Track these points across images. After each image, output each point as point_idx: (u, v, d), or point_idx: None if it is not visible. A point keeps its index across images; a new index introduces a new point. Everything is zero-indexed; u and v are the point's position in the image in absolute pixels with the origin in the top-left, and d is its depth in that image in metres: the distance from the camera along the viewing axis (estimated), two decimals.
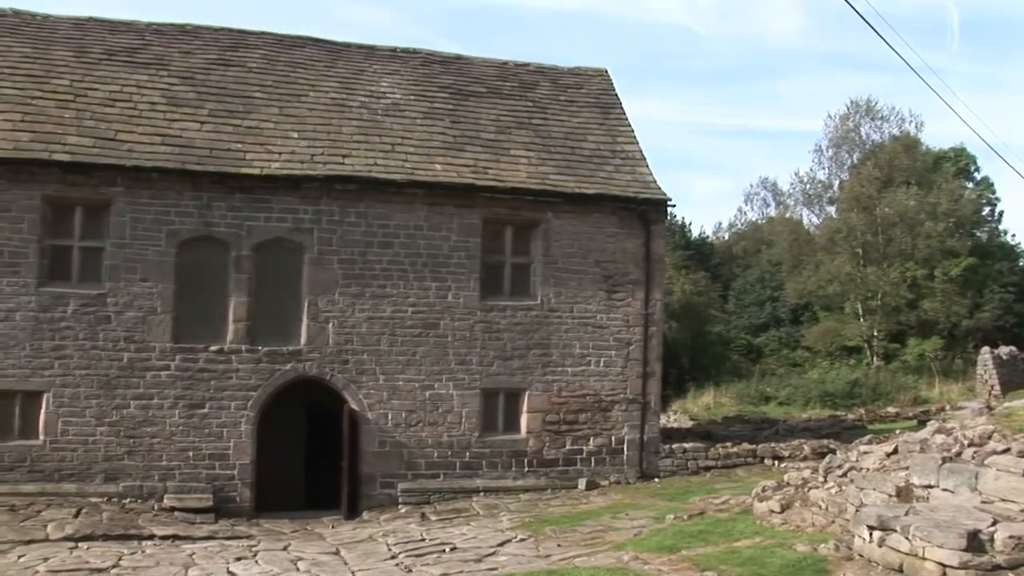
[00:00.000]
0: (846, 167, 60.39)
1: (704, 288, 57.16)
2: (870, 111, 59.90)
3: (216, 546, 17.85)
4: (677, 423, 34.85)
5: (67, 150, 21.42)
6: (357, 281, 22.51)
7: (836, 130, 60.97)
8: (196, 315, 21.74)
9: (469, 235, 23.17)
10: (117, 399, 21.29)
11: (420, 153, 23.72)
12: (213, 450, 21.64)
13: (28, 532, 18.03)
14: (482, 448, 23.09)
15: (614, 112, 27.16)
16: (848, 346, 54.49)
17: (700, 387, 46.90)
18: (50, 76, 23.10)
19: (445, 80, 26.42)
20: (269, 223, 22.13)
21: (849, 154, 60.59)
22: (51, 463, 20.88)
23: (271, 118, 23.55)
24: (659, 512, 18.81)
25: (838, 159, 61.31)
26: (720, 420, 35.54)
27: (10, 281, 20.89)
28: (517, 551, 16.35)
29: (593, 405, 23.85)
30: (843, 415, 35.29)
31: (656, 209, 24.56)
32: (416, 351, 22.79)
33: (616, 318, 24.05)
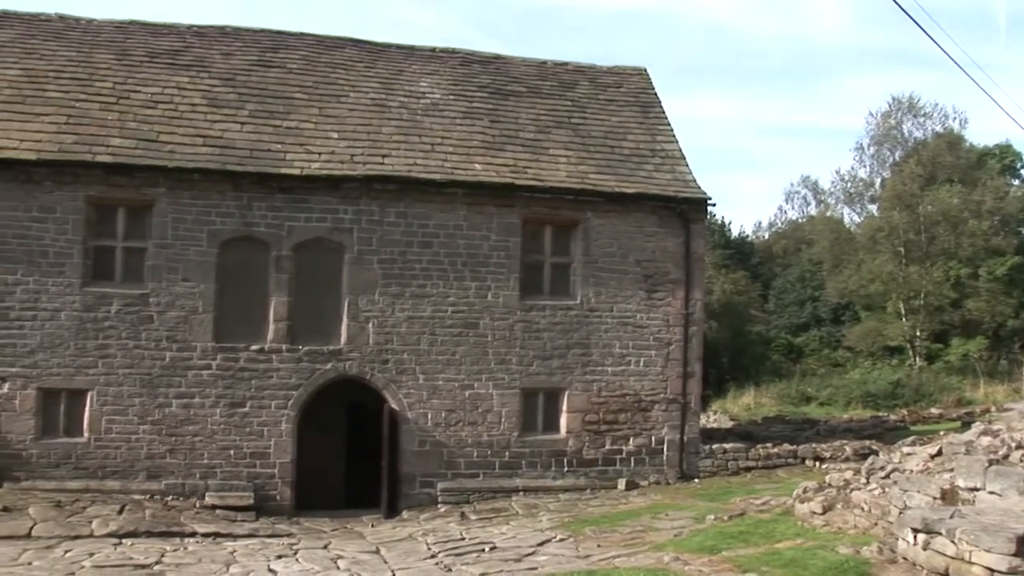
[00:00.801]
0: (888, 165, 59.81)
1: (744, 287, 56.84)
2: (912, 108, 59.28)
3: (257, 544, 17.98)
4: (717, 423, 34.67)
5: (110, 152, 21.66)
6: (397, 281, 22.57)
7: (878, 128, 60.39)
8: (237, 315, 21.90)
9: (509, 235, 23.15)
10: (159, 398, 21.49)
11: (459, 153, 23.74)
12: (254, 449, 21.79)
13: (74, 528, 18.25)
14: (521, 448, 23.07)
15: (653, 111, 27.05)
16: (890, 346, 53.93)
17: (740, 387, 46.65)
18: (93, 79, 23.38)
19: (484, 80, 26.43)
20: (309, 223, 22.24)
21: (891, 152, 59.99)
22: (95, 460, 21.12)
23: (311, 119, 23.66)
24: (699, 513, 18.70)
25: (880, 157, 60.75)
26: (760, 420, 35.31)
27: (55, 281, 21.16)
28: (557, 551, 16.31)
29: (633, 405, 23.75)
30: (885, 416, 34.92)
31: (696, 208, 24.42)
32: (456, 351, 22.81)
33: (656, 318, 23.94)
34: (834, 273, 56.62)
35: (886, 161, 60.22)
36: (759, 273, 64.05)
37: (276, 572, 15.22)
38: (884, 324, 53.74)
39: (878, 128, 60.37)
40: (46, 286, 21.15)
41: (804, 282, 61.78)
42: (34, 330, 21.08)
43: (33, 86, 22.83)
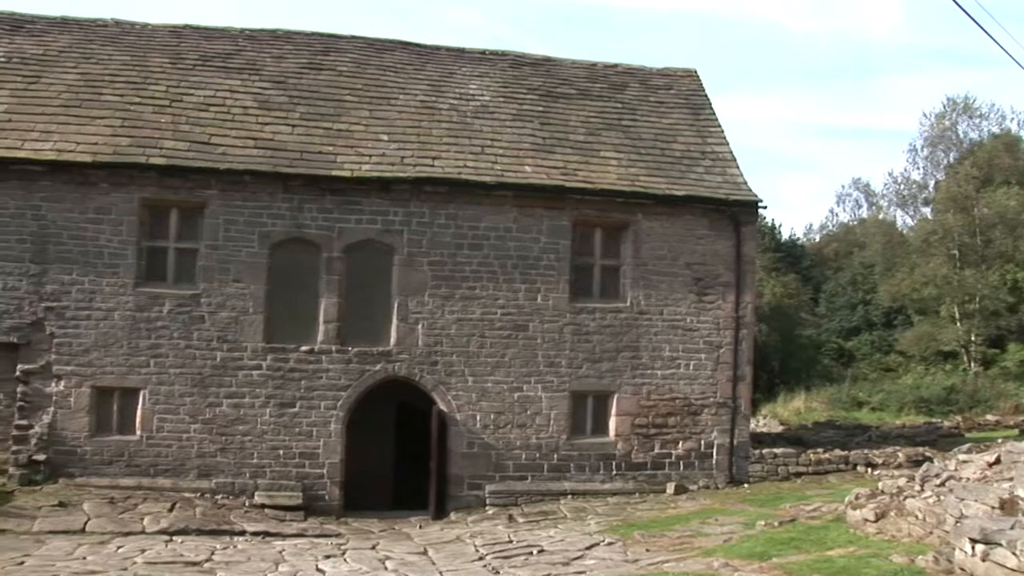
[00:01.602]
0: (942, 167, 59.00)
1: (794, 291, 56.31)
2: (967, 109, 58.46)
3: (305, 543, 18.07)
4: (767, 428, 34.39)
5: (163, 154, 21.90)
6: (447, 283, 22.60)
7: (932, 129, 59.64)
8: (287, 315, 22.04)
9: (559, 237, 23.09)
10: (210, 397, 21.67)
11: (510, 155, 23.73)
12: (303, 449, 21.91)
13: (126, 524, 18.51)
14: (570, 451, 22.99)
15: (704, 113, 26.88)
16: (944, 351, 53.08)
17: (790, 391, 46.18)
18: (148, 83, 23.68)
19: (534, 82, 26.40)
20: (360, 225, 22.33)
21: (945, 153, 59.19)
22: (147, 458, 21.36)
23: (361, 121, 23.77)
24: (749, 518, 18.54)
25: (934, 159, 59.97)
26: (811, 425, 34.97)
27: (109, 281, 21.43)
28: (605, 555, 16.27)
29: (682, 409, 23.60)
30: (939, 422, 34.43)
31: (747, 211, 24.22)
32: (505, 353, 22.79)
33: (706, 321, 23.78)
34: (886, 276, 55.93)
35: (940, 163, 59.47)
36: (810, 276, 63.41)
37: (324, 572, 15.30)
38: (938, 328, 52.90)
39: (932, 129, 59.65)
40: (101, 286, 21.43)
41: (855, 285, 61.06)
42: (89, 329, 21.36)
43: (90, 90, 23.17)
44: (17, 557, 15.16)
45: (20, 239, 21.28)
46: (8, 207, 21.26)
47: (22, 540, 16.78)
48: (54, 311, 21.30)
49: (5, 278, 21.17)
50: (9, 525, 17.63)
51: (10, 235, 21.23)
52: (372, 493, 22.99)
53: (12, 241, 21.24)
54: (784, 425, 35.53)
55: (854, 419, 37.24)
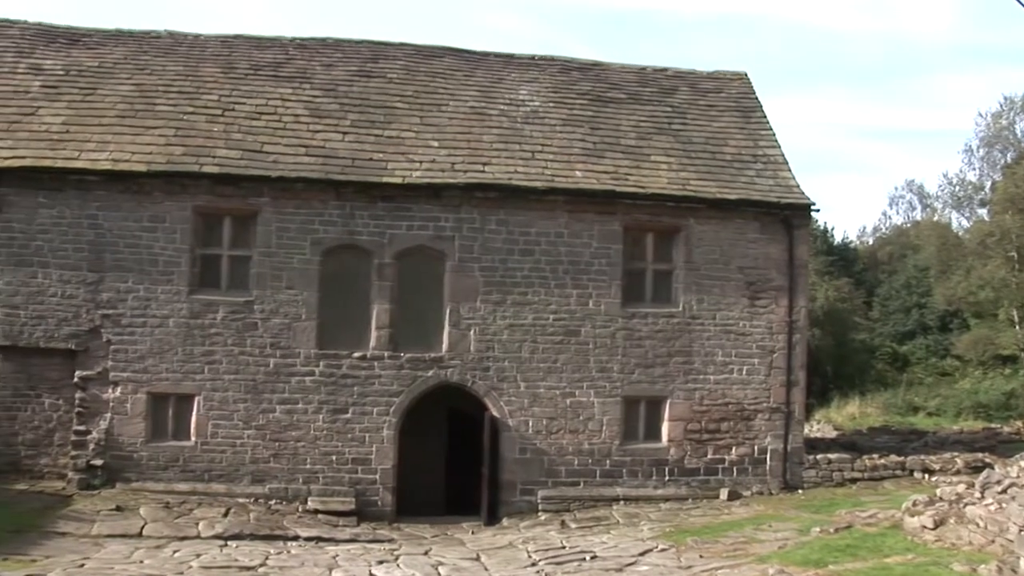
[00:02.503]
0: (999, 167, 58.02)
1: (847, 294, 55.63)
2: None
3: (358, 549, 18.14)
4: (820, 433, 34.00)
5: (216, 163, 22.14)
6: (498, 288, 22.61)
7: (988, 128, 58.67)
8: (340, 322, 22.15)
9: (610, 242, 23.02)
10: (264, 403, 21.84)
11: (560, 160, 23.70)
12: (356, 454, 22.00)
13: (181, 529, 18.69)
14: (623, 456, 22.89)
15: (755, 116, 26.69)
16: (1002, 355, 52.14)
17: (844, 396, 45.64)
18: (200, 92, 23.98)
19: (584, 87, 26.36)
20: (411, 231, 22.41)
21: (1002, 153, 58.21)
22: (202, 464, 21.57)
23: (412, 127, 23.87)
24: (804, 524, 18.35)
25: (990, 159, 59.01)
26: (865, 431, 34.48)
27: (164, 289, 21.69)
28: (658, 561, 16.19)
29: (735, 414, 23.41)
30: (998, 428, 33.78)
31: (799, 214, 23.98)
32: (557, 358, 22.74)
33: (759, 325, 23.58)
34: (941, 279, 55.07)
35: (997, 163, 58.48)
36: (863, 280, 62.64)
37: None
38: (995, 332, 51.96)
39: (988, 129, 58.69)
40: (156, 293, 21.70)
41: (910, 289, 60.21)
42: (144, 336, 21.64)
43: (144, 100, 23.51)
44: (77, 560, 15.42)
45: (77, 248, 21.63)
46: (66, 216, 21.61)
47: (81, 543, 17.04)
48: (110, 318, 21.60)
49: (63, 286, 21.53)
50: (69, 528, 17.90)
51: (68, 244, 21.60)
52: (424, 499, 23.05)
53: (70, 250, 21.60)
54: (838, 430, 35.10)
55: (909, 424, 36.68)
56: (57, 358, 21.60)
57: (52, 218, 21.61)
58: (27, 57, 24.50)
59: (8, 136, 22.10)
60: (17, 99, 23.15)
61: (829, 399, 45.49)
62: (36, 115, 22.74)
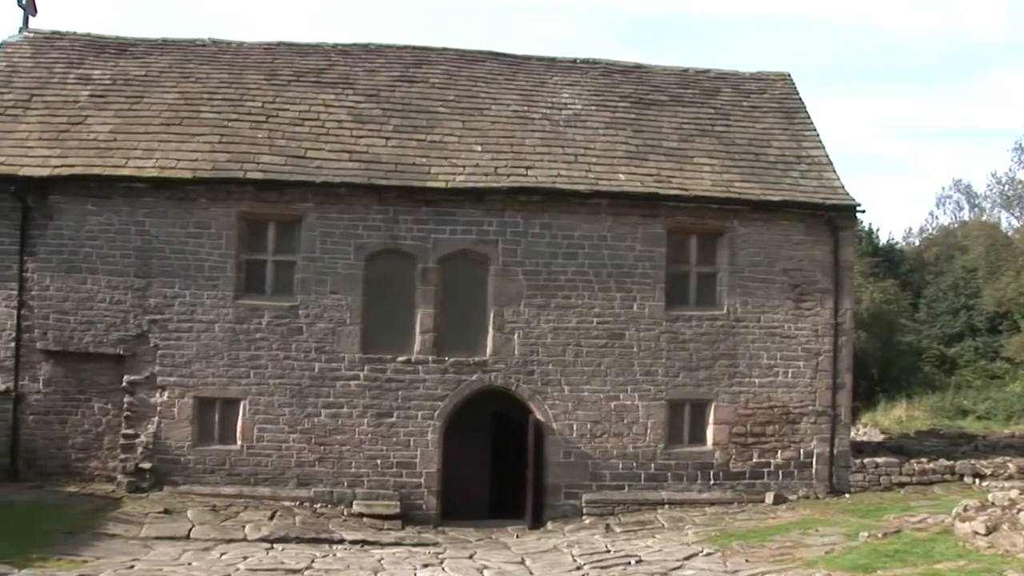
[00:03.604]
0: None
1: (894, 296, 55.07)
2: None
3: (403, 552, 18.18)
4: (867, 436, 33.70)
5: (260, 169, 22.32)
6: (542, 292, 22.60)
7: None
8: (384, 326, 22.25)
9: (654, 245, 22.94)
10: (309, 407, 21.98)
11: (603, 163, 23.66)
12: (400, 458, 22.09)
13: (228, 532, 18.84)
14: (667, 460, 22.79)
15: (798, 116, 26.50)
16: None
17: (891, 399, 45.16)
18: (244, 99, 24.20)
19: (626, 89, 26.31)
20: (454, 235, 22.47)
21: None
22: (248, 467, 21.75)
23: (454, 132, 23.94)
24: (851, 529, 18.14)
25: None
26: (913, 434, 34.11)
27: (210, 294, 21.91)
28: (704, 565, 16.11)
29: (781, 417, 23.23)
30: None
31: (844, 215, 23.76)
32: (601, 362, 22.69)
33: (804, 328, 23.39)
34: (990, 280, 54.36)
35: None
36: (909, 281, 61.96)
37: None
38: None
39: None
40: (201, 299, 21.92)
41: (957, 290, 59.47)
42: (190, 341, 21.85)
43: (189, 108, 23.77)
44: (127, 561, 15.60)
45: (125, 254, 21.90)
46: (114, 223, 21.90)
47: (131, 545, 17.23)
48: (157, 323, 21.84)
49: (112, 292, 21.81)
50: (119, 530, 18.11)
51: (116, 250, 21.87)
52: (468, 502, 23.06)
53: (117, 256, 21.88)
54: (885, 434, 34.77)
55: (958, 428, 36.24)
56: (106, 363, 21.90)
57: (100, 225, 21.90)
58: (76, 67, 24.86)
59: (58, 145, 22.45)
60: (67, 108, 23.50)
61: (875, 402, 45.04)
62: (85, 124, 23.08)
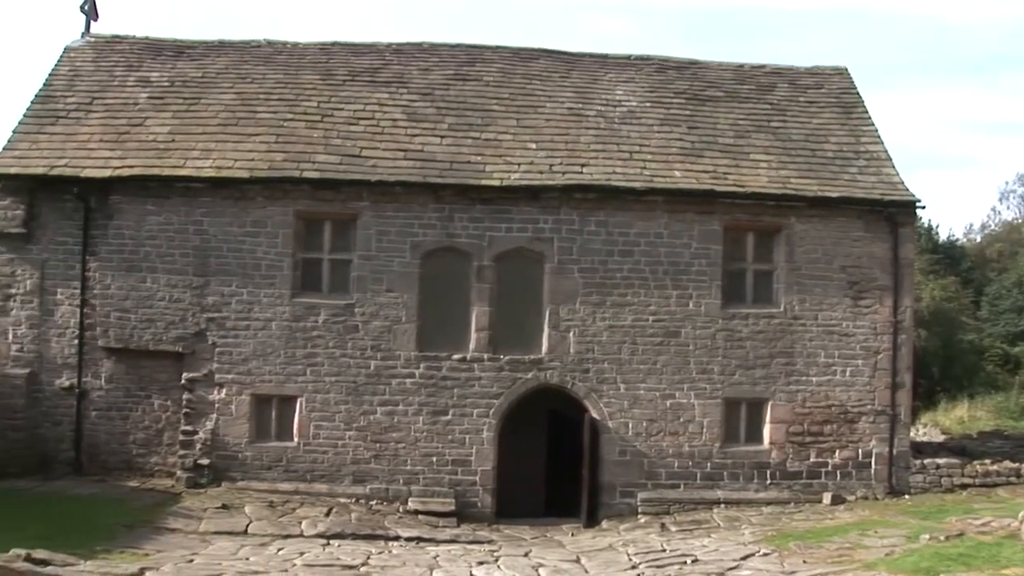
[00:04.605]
0: None
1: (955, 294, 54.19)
2: None
3: (459, 549, 18.20)
4: (927, 437, 33.18)
5: (316, 168, 22.49)
6: (598, 290, 22.54)
7: None
8: (439, 324, 22.32)
9: (710, 242, 22.79)
10: (365, 405, 22.11)
11: (658, 160, 23.54)
12: (456, 456, 22.14)
13: (285, 528, 19.01)
14: (723, 459, 22.62)
15: (856, 111, 26.16)
16: None
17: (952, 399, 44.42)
18: (300, 99, 24.40)
19: (680, 85, 26.14)
20: (510, 233, 22.48)
21: None
22: (304, 464, 21.93)
23: (509, 130, 23.95)
24: (912, 531, 17.81)
25: None
26: (975, 435, 33.45)
27: (267, 292, 22.12)
28: (761, 565, 15.93)
29: (839, 416, 22.95)
30: None
31: (904, 211, 23.42)
32: (657, 360, 22.58)
33: (863, 326, 23.08)
34: None
35: None
36: (971, 278, 60.91)
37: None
38: None
39: None
40: (259, 297, 22.14)
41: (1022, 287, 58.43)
42: (248, 339, 22.09)
43: (246, 108, 24.03)
44: (187, 555, 15.79)
45: (184, 253, 22.20)
46: (172, 223, 22.20)
47: (190, 539, 17.46)
48: (215, 321, 22.10)
49: (170, 290, 22.11)
50: (179, 525, 18.36)
51: (174, 249, 22.18)
52: (523, 500, 23.03)
53: (176, 255, 22.18)
54: (946, 434, 34.20)
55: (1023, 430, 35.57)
56: (166, 360, 22.23)
57: (159, 224, 22.21)
58: (135, 70, 25.21)
59: (118, 146, 22.81)
60: (126, 111, 23.87)
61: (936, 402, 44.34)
62: (144, 125, 23.42)
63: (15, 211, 22.09)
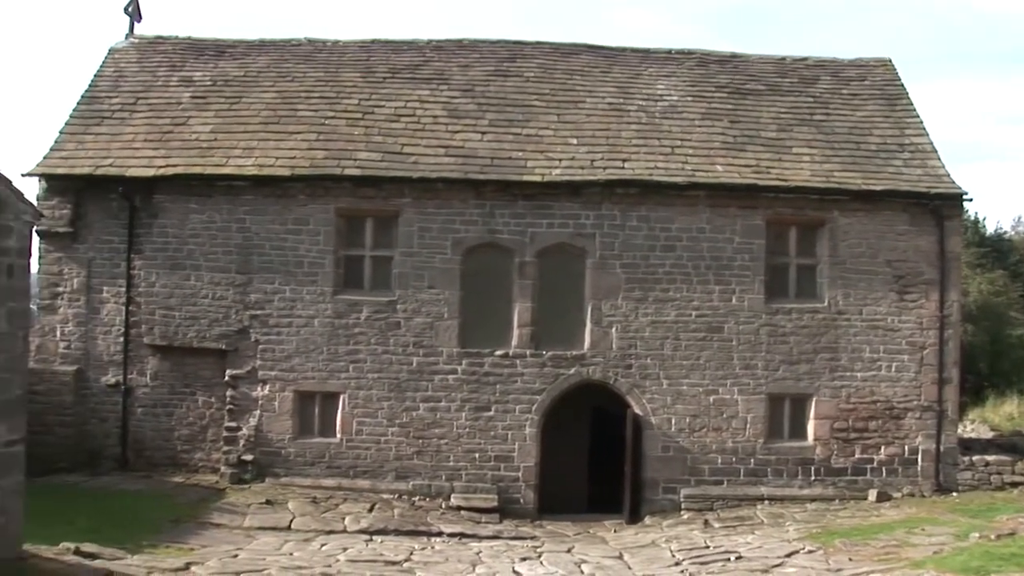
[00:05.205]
0: None
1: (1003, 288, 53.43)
2: None
3: (501, 545, 18.23)
4: (975, 433, 32.67)
5: (358, 165, 22.57)
6: (640, 285, 22.44)
7: None
8: (481, 320, 22.34)
9: (753, 236, 22.61)
10: (407, 401, 22.17)
11: (700, 155, 23.39)
12: (498, 452, 22.15)
13: (328, 523, 19.12)
14: (767, 455, 22.45)
15: (900, 103, 25.82)
16: None
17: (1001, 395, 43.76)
18: (340, 97, 24.49)
19: (722, 79, 25.95)
20: (551, 229, 22.43)
21: None
22: (347, 460, 22.04)
23: (550, 125, 23.88)
24: (961, 529, 17.54)
25: None
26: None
27: (309, 290, 22.23)
28: (806, 563, 15.78)
29: (884, 412, 22.68)
30: None
31: (950, 204, 23.08)
32: (700, 355, 22.45)
33: (908, 321, 22.80)
34: None
35: None
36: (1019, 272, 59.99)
37: (521, 574, 15.44)
38: None
39: None
40: (301, 294, 22.26)
41: None
42: (290, 336, 22.22)
43: (287, 106, 24.16)
44: (231, 550, 15.92)
45: (227, 251, 22.37)
46: (216, 221, 22.37)
47: (234, 534, 17.61)
48: (258, 319, 22.26)
49: (214, 288, 22.29)
50: (223, 520, 18.52)
51: (217, 247, 22.35)
52: (566, 496, 22.98)
53: (219, 253, 22.35)
54: (995, 431, 33.67)
55: None
56: (209, 357, 22.43)
57: (203, 223, 22.40)
58: (178, 70, 25.43)
59: (162, 146, 23.03)
60: (170, 110, 24.09)
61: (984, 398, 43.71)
62: (187, 125, 23.62)
63: (62, 211, 22.38)
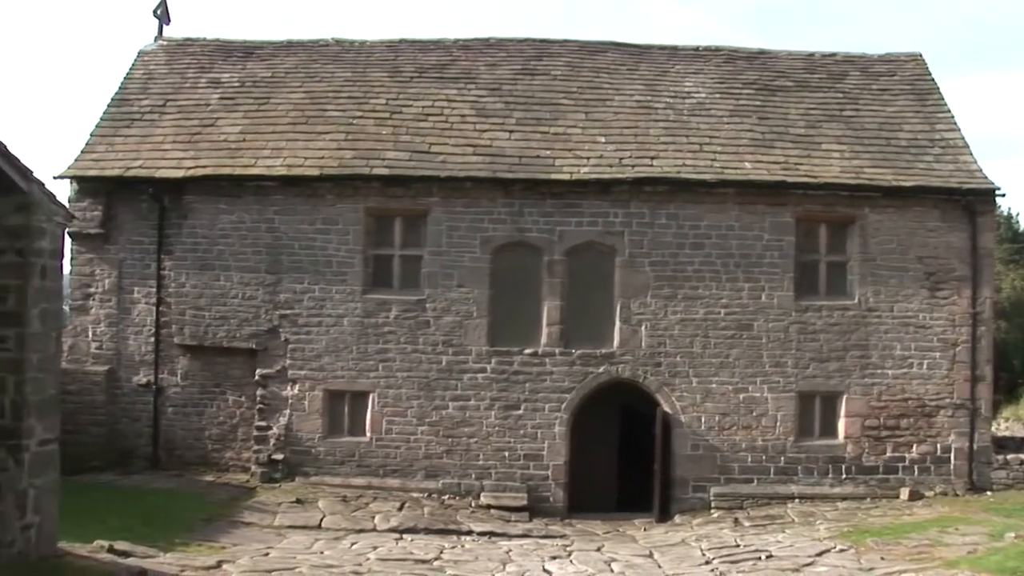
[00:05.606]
0: None
1: None
2: None
3: (531, 544, 18.21)
4: (1010, 431, 32.42)
5: (386, 164, 22.63)
6: (669, 283, 22.38)
7: None
8: (510, 319, 22.34)
9: (782, 234, 22.49)
10: (436, 400, 22.21)
11: (729, 152, 23.28)
12: (528, 451, 22.14)
13: (358, 522, 19.16)
14: (797, 453, 22.32)
15: (931, 98, 25.60)
16: None
17: None
18: (368, 96, 24.56)
19: (750, 76, 25.82)
20: (580, 227, 22.40)
21: None
22: (377, 459, 22.10)
23: (578, 124, 23.85)
24: (995, 529, 17.35)
25: None
26: None
27: (339, 289, 22.30)
28: (837, 562, 15.67)
29: (916, 410, 22.51)
30: None
31: (982, 199, 22.85)
32: (729, 353, 22.36)
33: (940, 317, 22.62)
34: None
35: None
36: None
37: (551, 572, 15.36)
38: None
39: None
40: (330, 294, 22.33)
41: None
42: (320, 335, 22.30)
43: (315, 107, 24.25)
44: (262, 548, 15.97)
45: (256, 251, 22.48)
46: (245, 221, 22.49)
47: (265, 533, 17.68)
48: (288, 318, 22.35)
49: (243, 288, 22.40)
50: (254, 519, 18.60)
51: (247, 247, 22.46)
52: (595, 495, 22.98)
53: (249, 253, 22.46)
54: None
55: None
56: (239, 357, 22.56)
57: (232, 223, 22.52)
58: (207, 72, 25.58)
59: (191, 147, 23.18)
60: (198, 112, 24.24)
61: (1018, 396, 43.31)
62: (215, 126, 23.76)
63: (93, 212, 22.56)
